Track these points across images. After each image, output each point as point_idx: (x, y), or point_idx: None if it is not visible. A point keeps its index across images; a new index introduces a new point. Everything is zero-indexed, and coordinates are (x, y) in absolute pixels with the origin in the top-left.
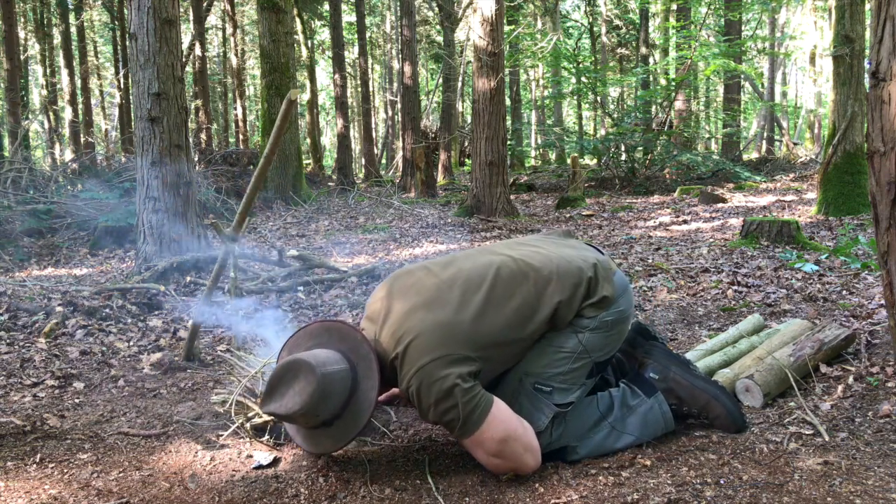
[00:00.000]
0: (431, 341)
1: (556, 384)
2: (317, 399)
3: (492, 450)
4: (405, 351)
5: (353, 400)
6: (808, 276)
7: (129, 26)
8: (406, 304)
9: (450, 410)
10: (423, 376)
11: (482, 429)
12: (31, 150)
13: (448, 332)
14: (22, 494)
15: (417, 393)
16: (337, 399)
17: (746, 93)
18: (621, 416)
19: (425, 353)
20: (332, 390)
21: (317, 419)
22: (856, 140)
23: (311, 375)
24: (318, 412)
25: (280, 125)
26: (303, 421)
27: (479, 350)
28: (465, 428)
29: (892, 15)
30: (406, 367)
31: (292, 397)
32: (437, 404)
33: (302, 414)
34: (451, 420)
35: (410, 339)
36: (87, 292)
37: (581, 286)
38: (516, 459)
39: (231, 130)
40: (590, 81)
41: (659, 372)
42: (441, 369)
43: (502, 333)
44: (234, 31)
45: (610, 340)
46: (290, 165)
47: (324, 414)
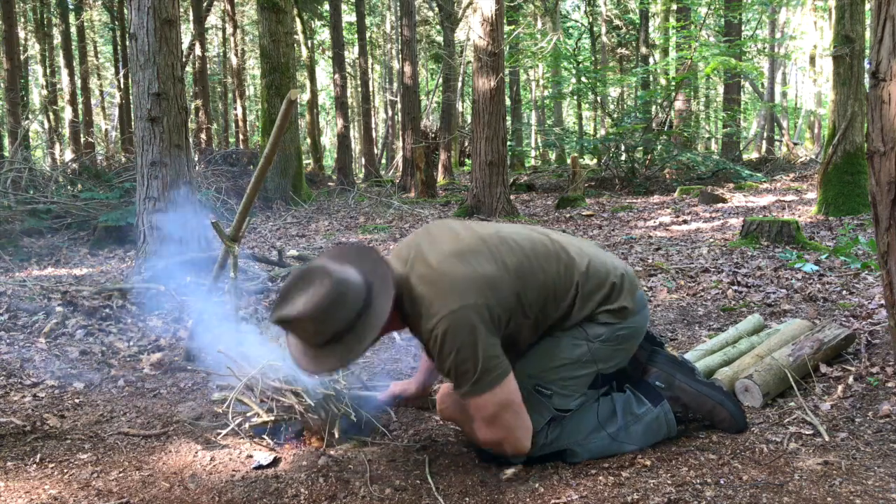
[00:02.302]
0: (467, 288)
1: (557, 389)
2: (329, 303)
3: (489, 414)
4: (436, 292)
5: (366, 314)
6: (808, 276)
7: (129, 26)
8: (441, 249)
9: (468, 362)
10: (454, 321)
11: (491, 392)
12: (31, 150)
13: (484, 283)
14: (22, 494)
15: (443, 336)
16: (349, 309)
17: (746, 93)
18: (625, 425)
19: (460, 298)
20: (346, 299)
21: (326, 330)
22: (856, 140)
23: (326, 279)
24: (328, 319)
25: (280, 125)
26: (312, 329)
27: (508, 312)
28: (475, 386)
29: (892, 15)
30: (436, 307)
31: (304, 302)
32: (459, 352)
33: (312, 319)
34: (465, 372)
35: (444, 282)
36: (87, 292)
37: (604, 287)
38: (509, 431)
39: (231, 130)
40: (590, 81)
41: (664, 380)
42: (473, 319)
43: (529, 305)
44: (234, 31)
45: (618, 354)
46: (290, 165)
47: (334, 323)
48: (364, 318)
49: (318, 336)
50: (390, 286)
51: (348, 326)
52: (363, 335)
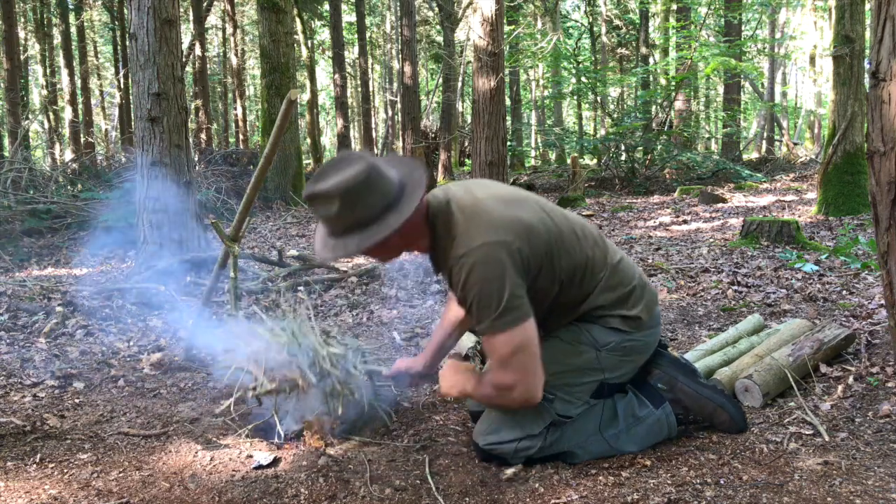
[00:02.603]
0: (505, 226)
1: (561, 394)
2: (360, 185)
3: (505, 353)
4: (474, 222)
5: (393, 208)
6: (808, 276)
7: (129, 26)
8: (487, 189)
9: (493, 296)
10: (486, 253)
11: (510, 331)
12: (31, 150)
13: (522, 228)
14: (22, 494)
15: (472, 265)
16: (378, 196)
17: (746, 93)
18: (626, 427)
19: (496, 233)
20: (377, 185)
21: (351, 213)
22: (856, 140)
23: (363, 162)
24: (356, 200)
25: (280, 125)
26: (338, 208)
27: (538, 266)
28: (496, 321)
29: (892, 15)
30: (470, 236)
31: (337, 178)
32: (484, 283)
33: (341, 195)
34: (487, 306)
35: (483, 215)
36: (87, 292)
37: (627, 286)
38: (524, 373)
39: (231, 130)
40: (590, 81)
41: (666, 382)
42: (504, 256)
43: (559, 269)
44: (234, 31)
45: (624, 365)
46: (290, 165)
47: (360, 207)
48: (389, 212)
49: (341, 219)
50: (422, 190)
51: (372, 216)
52: (385, 226)
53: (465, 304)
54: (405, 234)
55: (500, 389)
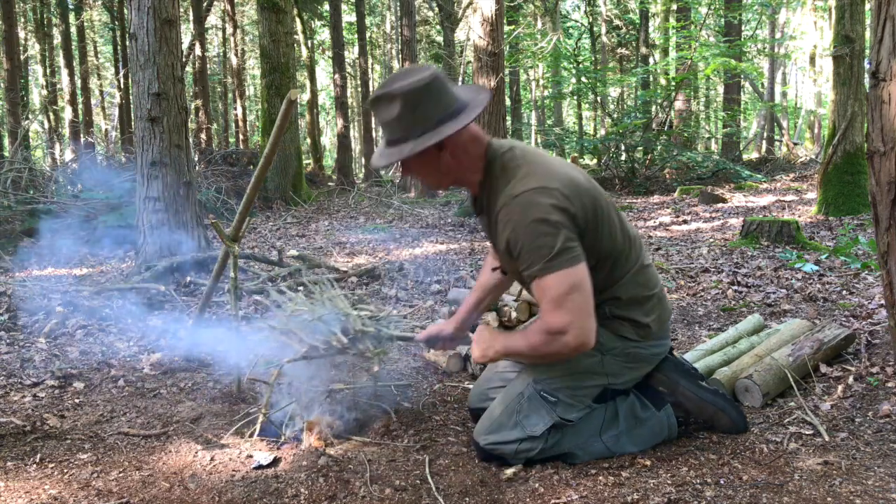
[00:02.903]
0: (561, 181)
1: (563, 397)
2: (424, 87)
3: (559, 293)
4: (532, 169)
5: (450, 119)
6: (808, 276)
7: (129, 26)
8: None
9: (547, 237)
10: (542, 195)
11: (565, 270)
12: (31, 150)
13: (576, 189)
14: (22, 494)
15: (529, 205)
16: (438, 104)
17: (746, 93)
18: (627, 429)
19: (553, 181)
20: (441, 93)
21: (413, 113)
22: (856, 140)
23: (429, 71)
24: (417, 104)
25: (280, 125)
26: (398, 112)
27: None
28: (550, 263)
29: (892, 15)
30: (528, 178)
31: (403, 81)
32: (541, 224)
33: (403, 96)
34: (541, 247)
35: (541, 166)
36: (87, 292)
37: (648, 290)
38: (578, 314)
39: (231, 130)
40: (590, 81)
41: (668, 386)
42: (560, 201)
43: (598, 244)
44: (234, 31)
45: (628, 372)
46: (290, 165)
47: (420, 112)
48: (447, 122)
49: (401, 122)
50: (482, 108)
51: (430, 122)
52: (439, 133)
53: (515, 248)
54: (458, 155)
55: (553, 334)
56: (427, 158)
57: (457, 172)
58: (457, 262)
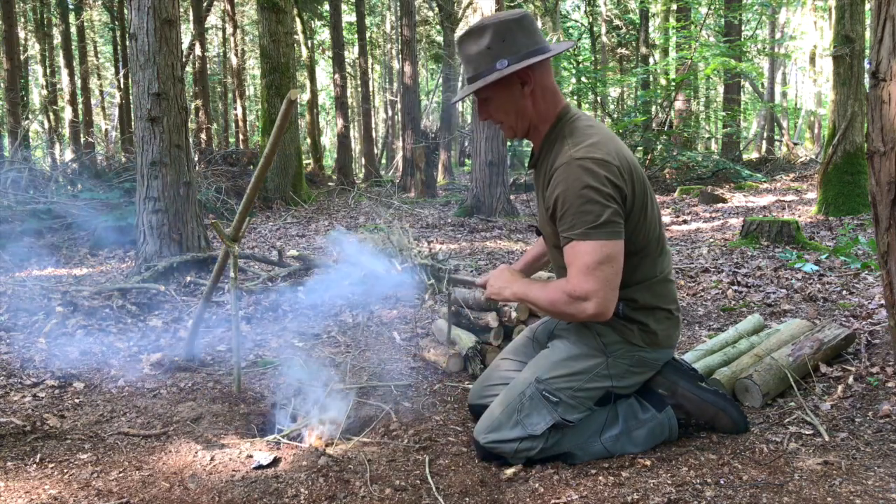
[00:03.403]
0: (625, 161)
1: (565, 398)
2: (516, 20)
3: (592, 261)
4: (600, 138)
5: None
6: (808, 276)
7: (129, 26)
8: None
9: (595, 203)
10: (603, 164)
11: (603, 241)
12: (31, 150)
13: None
14: (22, 494)
15: (587, 171)
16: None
17: (746, 93)
18: (627, 430)
19: (617, 158)
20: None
21: (502, 43)
22: (856, 140)
23: (520, 10)
24: (505, 34)
25: (280, 125)
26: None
27: (628, 217)
28: (592, 230)
29: (892, 15)
30: (594, 144)
31: (494, 17)
32: (594, 191)
33: (495, 24)
34: (587, 212)
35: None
36: (87, 292)
37: (663, 304)
38: (604, 284)
39: (231, 130)
40: (590, 81)
41: (668, 388)
42: (619, 180)
43: (638, 235)
44: (234, 31)
45: (633, 375)
46: (290, 165)
47: (510, 42)
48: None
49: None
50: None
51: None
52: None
53: (562, 207)
54: (538, 98)
55: (574, 297)
56: (510, 92)
57: (533, 116)
58: (457, 261)
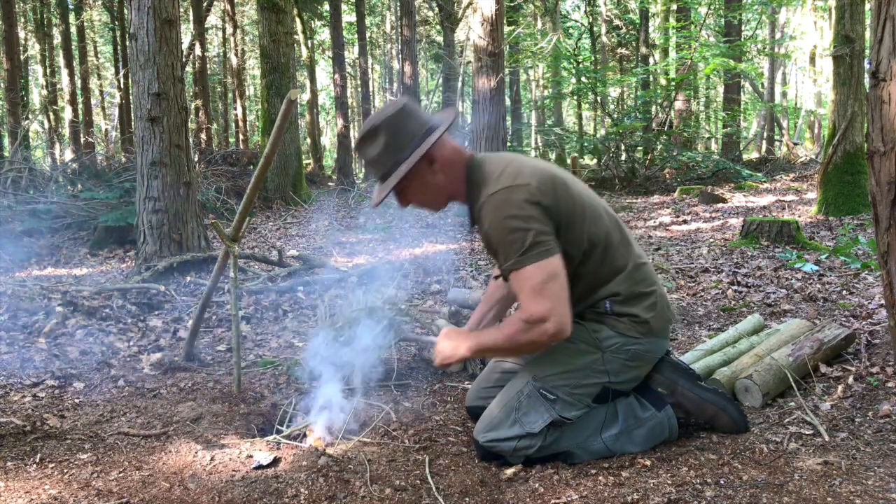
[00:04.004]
0: (534, 177)
1: (562, 395)
2: (400, 112)
3: (537, 282)
4: (505, 169)
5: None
6: (808, 276)
7: (129, 26)
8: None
9: (520, 231)
10: (514, 192)
11: (541, 262)
12: (31, 150)
13: (551, 183)
14: (22, 494)
15: (502, 202)
16: (417, 123)
17: (746, 93)
18: (627, 429)
19: (525, 178)
20: (415, 115)
21: (397, 138)
22: (856, 140)
23: (399, 101)
24: (398, 129)
25: (280, 125)
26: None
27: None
28: (525, 256)
29: (892, 15)
30: (502, 178)
31: (379, 115)
32: (512, 219)
33: (385, 125)
34: (515, 241)
35: (514, 166)
36: (87, 292)
37: (645, 289)
38: (556, 300)
39: (231, 130)
40: (590, 81)
41: (667, 387)
42: (532, 196)
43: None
44: (234, 31)
45: (628, 370)
46: (290, 165)
47: (403, 135)
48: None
49: (389, 150)
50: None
51: (414, 142)
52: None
53: (492, 244)
54: (447, 169)
55: (532, 322)
56: (421, 176)
57: (449, 187)
58: (457, 262)
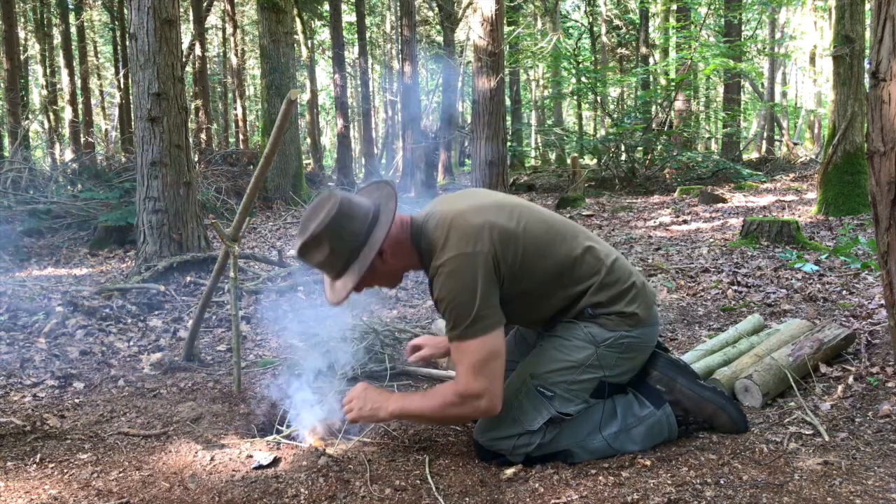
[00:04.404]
0: (479, 236)
1: (560, 391)
2: (337, 215)
3: (478, 360)
4: (450, 234)
5: (376, 224)
6: (808, 276)
7: (129, 26)
8: (463, 200)
9: (466, 305)
10: (460, 263)
11: (483, 337)
12: (31, 150)
13: (497, 235)
14: (22, 494)
15: (447, 275)
16: (360, 220)
17: (746, 93)
18: (626, 427)
19: (470, 243)
20: (354, 211)
21: (342, 245)
22: (856, 140)
23: (333, 198)
24: (341, 232)
25: (280, 125)
26: (329, 248)
27: (515, 269)
28: (468, 329)
29: (892, 15)
30: (447, 247)
31: (316, 221)
32: (459, 293)
33: (326, 233)
34: (460, 315)
35: (458, 227)
36: (87, 292)
37: (624, 284)
38: (493, 381)
39: (231, 130)
40: (590, 81)
41: (665, 384)
42: (478, 265)
43: (541, 270)
44: (234, 31)
45: (623, 363)
46: (290, 165)
47: (348, 237)
48: (373, 231)
49: (336, 255)
50: (394, 202)
51: (360, 240)
52: (371, 248)
53: (441, 311)
54: (395, 252)
55: (467, 398)
56: (373, 271)
57: (401, 266)
58: None
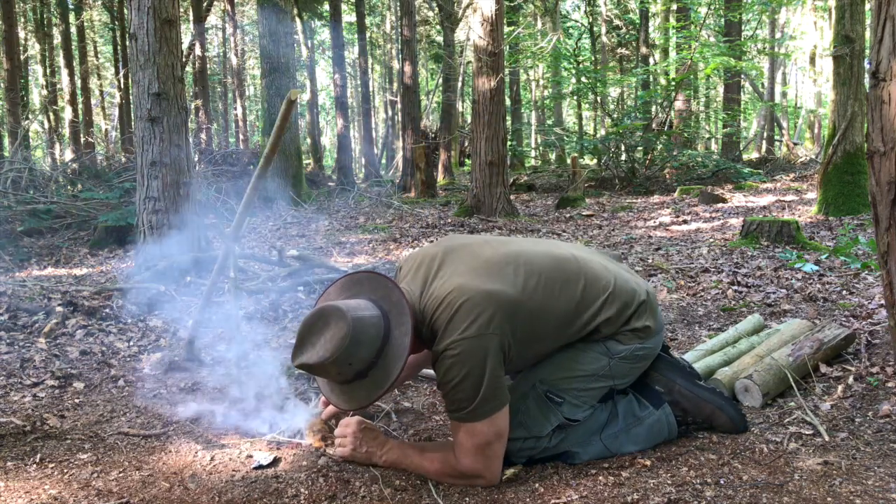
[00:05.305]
0: (483, 317)
1: (569, 398)
2: (348, 345)
3: (481, 442)
4: (453, 316)
5: (387, 347)
6: (808, 276)
7: (129, 26)
8: (459, 268)
9: (472, 389)
10: (467, 348)
11: (489, 420)
12: (31, 150)
13: (502, 312)
14: (22, 494)
15: (453, 359)
16: (370, 346)
17: (746, 93)
18: (626, 427)
19: (474, 326)
20: (365, 336)
21: (350, 369)
22: (856, 140)
23: (342, 321)
24: (350, 360)
25: (280, 125)
26: (335, 371)
27: (522, 340)
28: (474, 412)
29: (892, 15)
30: (451, 331)
31: (323, 345)
32: (464, 380)
33: (333, 362)
34: (465, 398)
35: (461, 308)
36: (87, 292)
37: (632, 306)
38: (493, 462)
39: (231, 130)
40: (590, 81)
41: (664, 385)
42: (486, 348)
43: (546, 328)
44: (234, 31)
45: (633, 371)
46: (290, 165)
47: (357, 363)
48: (386, 353)
49: (341, 376)
50: (407, 316)
51: (372, 363)
52: (390, 370)
53: (444, 392)
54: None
55: (468, 476)
56: None
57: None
58: None
